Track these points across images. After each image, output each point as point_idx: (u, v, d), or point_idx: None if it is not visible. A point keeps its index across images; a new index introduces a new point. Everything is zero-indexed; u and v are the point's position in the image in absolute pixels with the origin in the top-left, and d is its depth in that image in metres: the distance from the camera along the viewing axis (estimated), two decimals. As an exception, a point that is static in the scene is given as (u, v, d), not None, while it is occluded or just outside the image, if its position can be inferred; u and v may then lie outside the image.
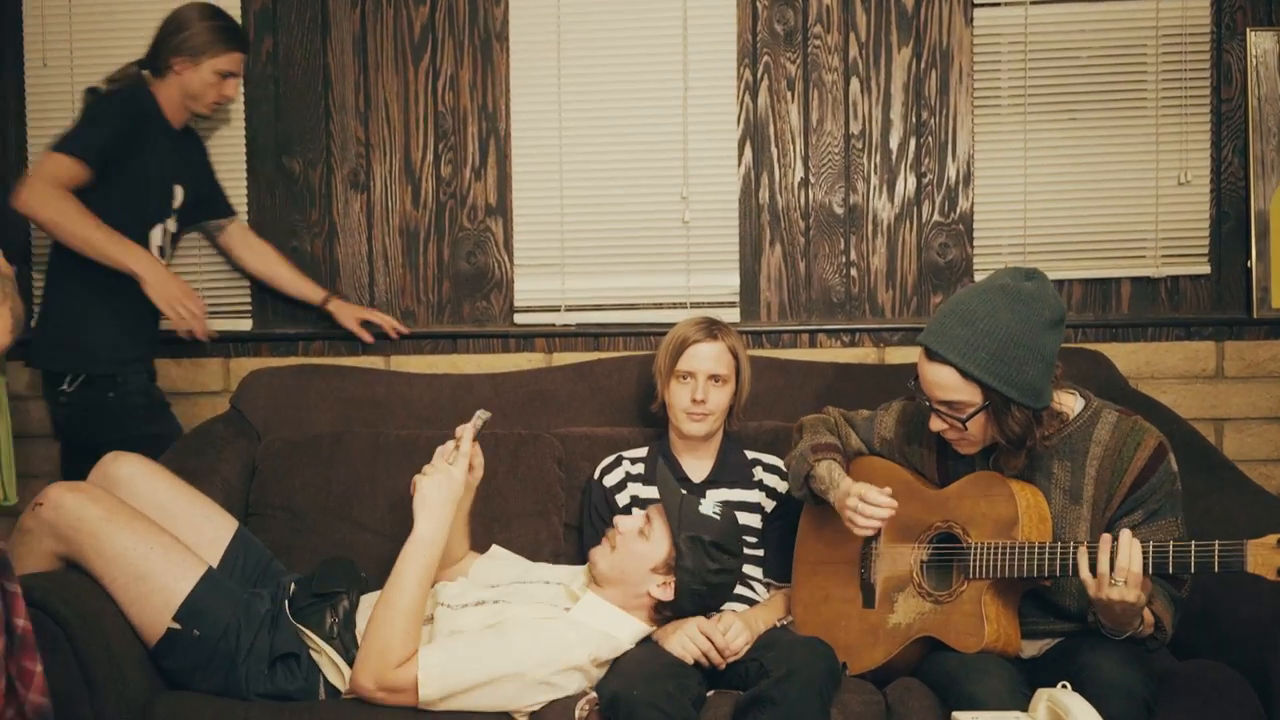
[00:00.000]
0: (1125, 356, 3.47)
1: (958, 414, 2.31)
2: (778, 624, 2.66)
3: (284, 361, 3.52)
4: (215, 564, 2.55)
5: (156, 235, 3.29)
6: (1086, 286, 3.55)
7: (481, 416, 2.54)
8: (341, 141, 3.59)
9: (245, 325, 3.61)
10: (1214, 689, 2.28)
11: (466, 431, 2.51)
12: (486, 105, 3.59)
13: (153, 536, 2.41)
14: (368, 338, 3.51)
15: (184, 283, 3.18)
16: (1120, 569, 2.07)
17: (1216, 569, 2.07)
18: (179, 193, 3.33)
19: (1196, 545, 2.09)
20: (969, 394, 2.28)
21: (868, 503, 2.39)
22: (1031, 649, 2.38)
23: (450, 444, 2.51)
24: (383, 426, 3.21)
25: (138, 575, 2.36)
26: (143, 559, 2.37)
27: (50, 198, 3.01)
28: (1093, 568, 2.13)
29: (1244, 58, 3.49)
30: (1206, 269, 3.53)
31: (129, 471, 2.59)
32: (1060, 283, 3.54)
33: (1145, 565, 2.10)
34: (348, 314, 3.50)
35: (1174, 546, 2.10)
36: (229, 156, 3.57)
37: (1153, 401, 3.19)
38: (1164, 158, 3.52)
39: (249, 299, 3.61)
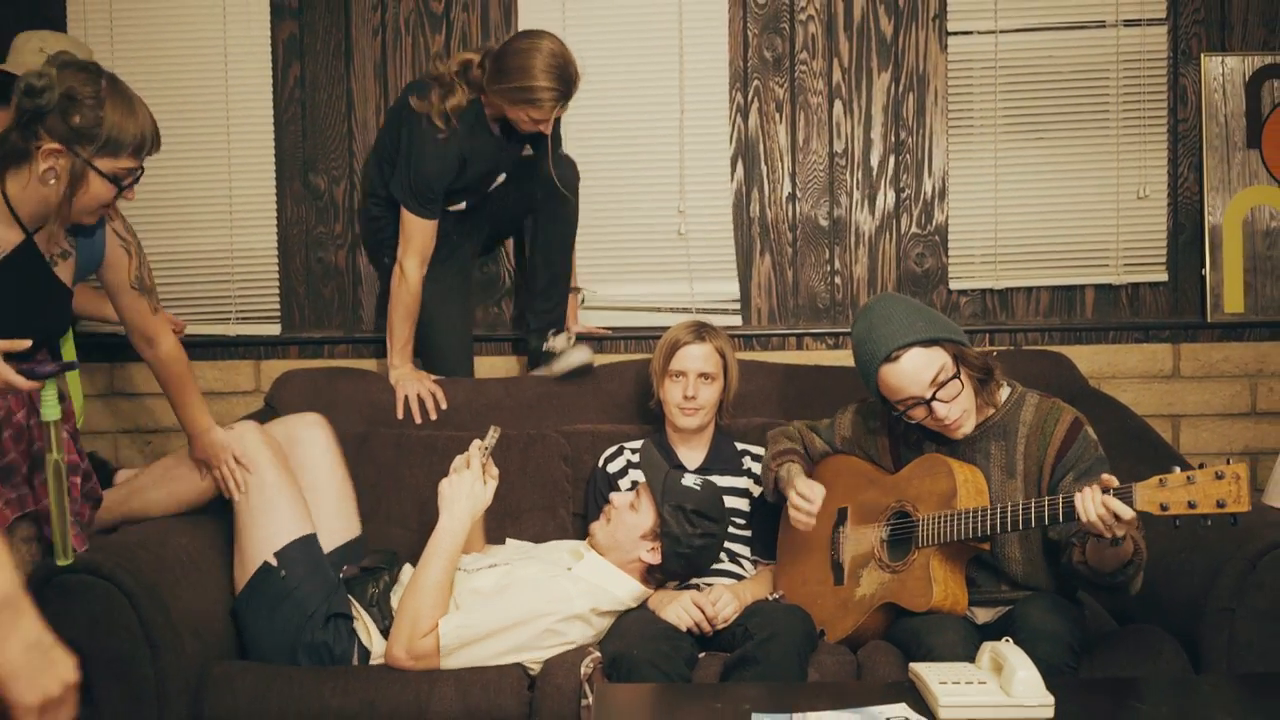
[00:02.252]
0: (1089, 358, 3.71)
1: (949, 383, 2.57)
2: (769, 598, 2.90)
3: (311, 364, 3.76)
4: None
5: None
6: (1053, 293, 3.79)
7: (494, 435, 2.80)
8: (364, 160, 3.83)
9: (274, 330, 3.84)
10: (1147, 645, 2.57)
11: (475, 446, 2.78)
12: (498, 126, 3.85)
13: (292, 488, 2.81)
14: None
15: (421, 381, 3.48)
16: (1107, 514, 2.30)
17: None
18: (499, 179, 3.54)
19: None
20: (941, 359, 2.59)
21: (795, 503, 2.73)
22: (986, 615, 2.65)
23: (465, 456, 2.79)
24: (403, 426, 3.41)
25: (266, 506, 2.75)
26: (276, 495, 2.76)
27: (410, 289, 3.44)
28: (1062, 518, 2.39)
29: (1199, 81, 3.72)
30: (1164, 277, 3.76)
31: (310, 435, 2.97)
32: (1028, 290, 3.79)
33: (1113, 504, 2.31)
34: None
35: (1063, 498, 2.38)
36: (259, 173, 3.82)
37: (1108, 398, 3.43)
38: (1124, 174, 3.75)
39: (278, 305, 3.85)
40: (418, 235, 3.42)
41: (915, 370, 2.58)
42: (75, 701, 1.33)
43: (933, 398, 2.58)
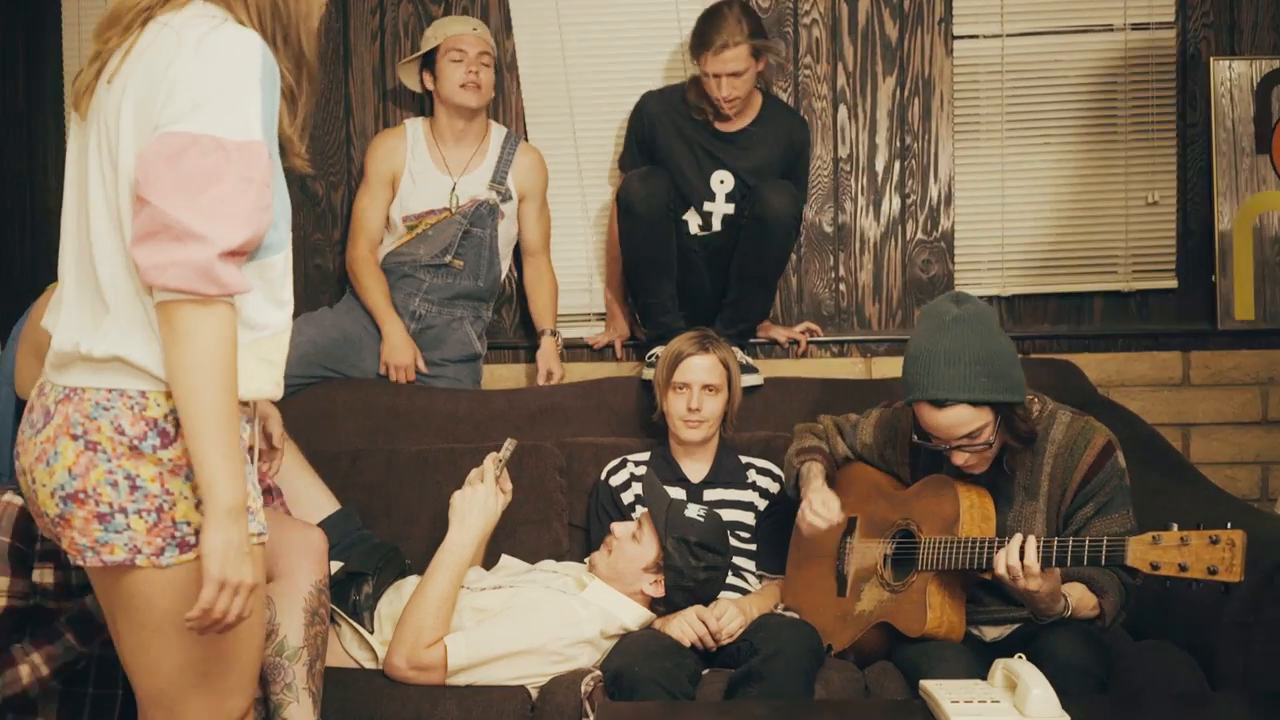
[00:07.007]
0: (1097, 366, 3.67)
1: (978, 440, 2.48)
2: (776, 610, 2.85)
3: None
4: None
5: (694, 219, 3.52)
6: (1061, 301, 3.76)
7: (509, 447, 2.78)
8: (362, 166, 3.76)
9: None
10: (1162, 661, 2.52)
11: (490, 459, 2.76)
12: (499, 131, 3.81)
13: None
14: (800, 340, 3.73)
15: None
16: (1016, 565, 2.29)
17: (1104, 562, 2.28)
18: (728, 178, 3.51)
19: (1089, 540, 2.29)
20: (983, 418, 2.46)
21: (811, 512, 2.68)
22: (994, 633, 2.60)
23: (480, 469, 2.76)
24: (405, 437, 3.38)
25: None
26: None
27: None
28: (1069, 562, 2.33)
29: (1207, 85, 3.69)
30: (1174, 283, 3.74)
31: None
32: (1036, 297, 3.76)
33: (1040, 559, 2.30)
34: (780, 333, 3.73)
35: (1057, 542, 2.31)
36: (257, 180, 3.79)
37: (1116, 405, 3.38)
38: (1133, 179, 3.73)
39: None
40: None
41: (952, 425, 2.47)
42: (246, 605, 1.66)
43: (956, 446, 2.50)
